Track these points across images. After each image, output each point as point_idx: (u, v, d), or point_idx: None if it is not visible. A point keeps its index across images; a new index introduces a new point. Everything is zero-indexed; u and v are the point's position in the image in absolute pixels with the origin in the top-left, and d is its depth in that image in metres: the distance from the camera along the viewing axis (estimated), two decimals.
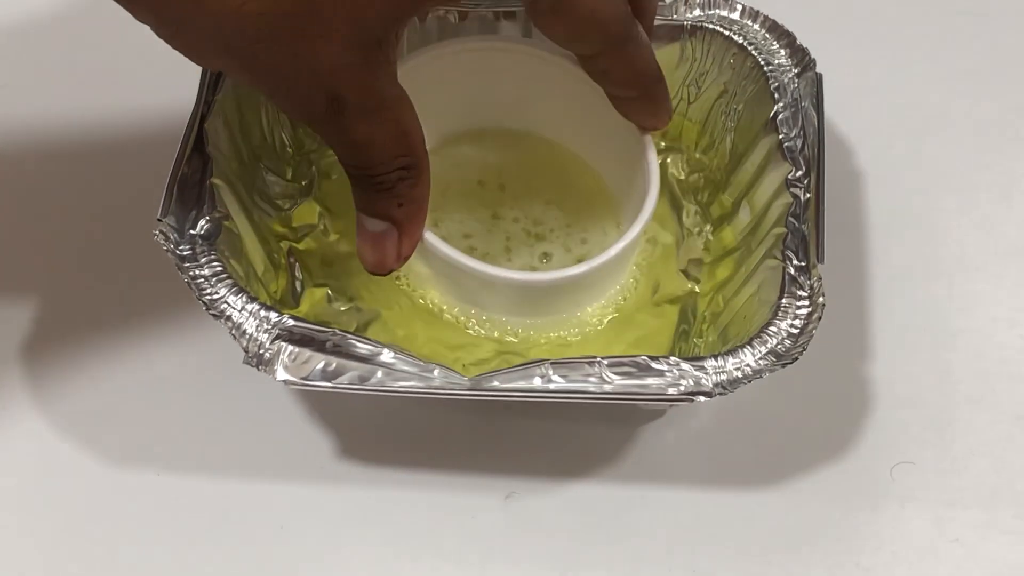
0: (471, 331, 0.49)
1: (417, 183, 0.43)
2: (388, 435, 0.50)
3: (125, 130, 0.58)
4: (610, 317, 0.50)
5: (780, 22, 0.52)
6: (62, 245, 0.55)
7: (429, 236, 0.45)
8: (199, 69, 0.49)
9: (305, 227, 0.53)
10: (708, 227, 0.53)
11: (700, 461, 0.49)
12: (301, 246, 0.52)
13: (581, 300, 0.50)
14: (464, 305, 0.49)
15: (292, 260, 0.52)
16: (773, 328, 0.44)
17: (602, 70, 0.45)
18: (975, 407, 0.50)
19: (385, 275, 0.44)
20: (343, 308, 0.51)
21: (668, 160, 0.55)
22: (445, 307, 0.49)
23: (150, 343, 0.52)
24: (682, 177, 0.55)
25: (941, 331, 0.52)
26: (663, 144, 0.55)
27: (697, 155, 0.55)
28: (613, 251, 0.46)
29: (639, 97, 0.46)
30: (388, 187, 0.42)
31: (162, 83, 0.55)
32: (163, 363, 0.51)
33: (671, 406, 0.49)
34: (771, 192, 0.49)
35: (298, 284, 0.51)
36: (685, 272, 0.52)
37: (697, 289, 0.52)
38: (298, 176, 0.54)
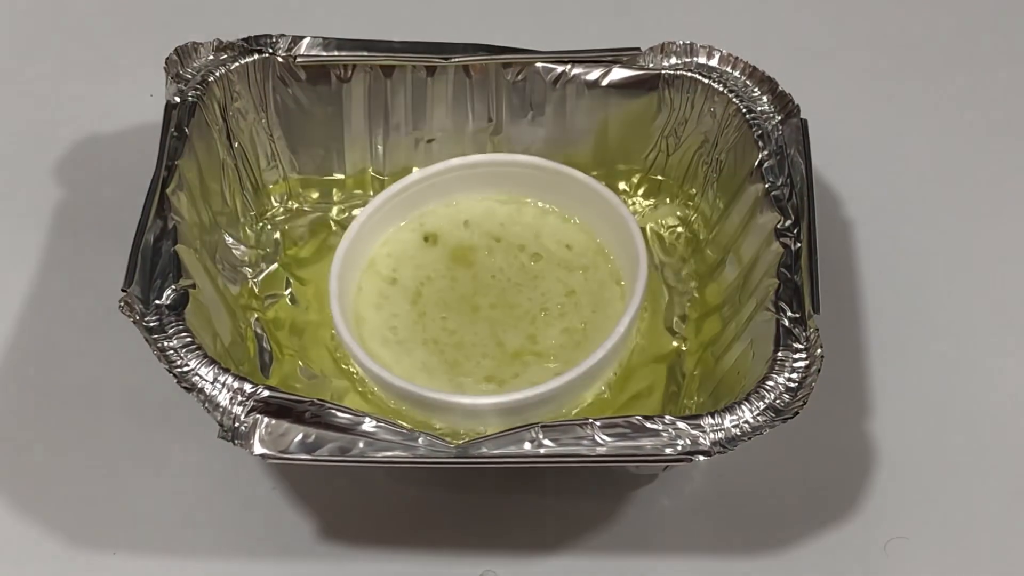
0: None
1: None
2: (370, 512, 0.50)
3: (86, 194, 0.59)
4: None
5: (760, 68, 0.53)
6: (20, 314, 0.55)
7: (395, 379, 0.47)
8: (158, 133, 0.49)
9: (271, 295, 0.53)
10: (693, 283, 0.54)
11: (694, 528, 0.50)
12: (268, 315, 0.53)
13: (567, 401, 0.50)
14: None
15: (260, 331, 0.52)
16: (770, 382, 0.44)
17: None
18: (972, 479, 0.51)
19: None
20: (314, 380, 0.51)
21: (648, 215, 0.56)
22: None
23: (114, 415, 0.52)
24: (663, 232, 0.55)
25: (940, 388, 0.53)
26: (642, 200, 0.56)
27: (678, 209, 0.56)
28: (590, 361, 0.48)
29: None
30: None
31: (122, 146, 0.56)
32: (129, 437, 0.51)
33: (664, 469, 0.49)
34: (758, 243, 0.50)
35: (267, 356, 0.51)
36: (671, 330, 0.53)
37: (684, 347, 0.52)
38: (262, 242, 0.55)
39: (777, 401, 0.44)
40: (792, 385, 0.44)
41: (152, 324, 0.44)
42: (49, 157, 0.60)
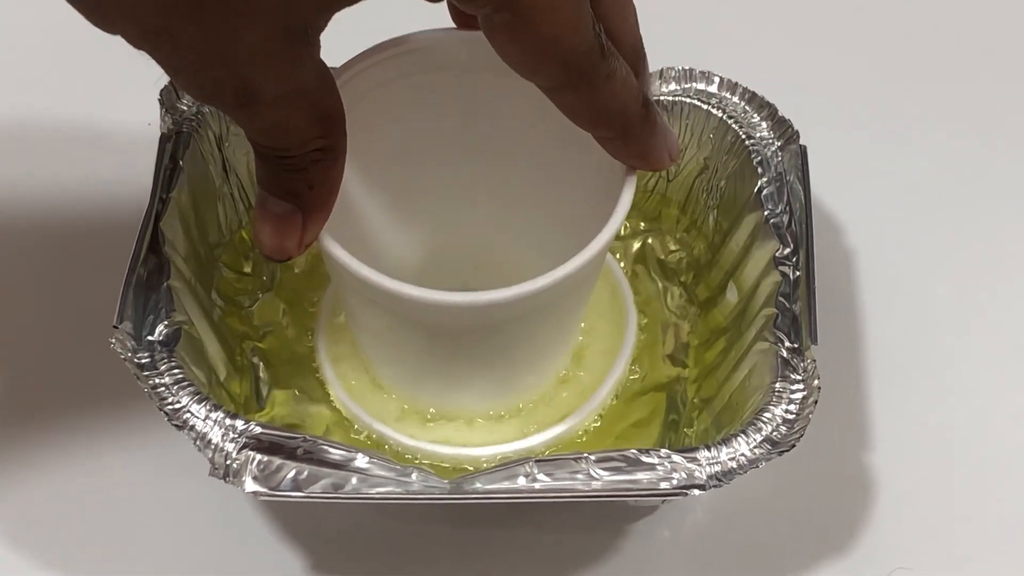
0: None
1: (333, 165, 0.41)
2: (362, 549, 0.50)
3: (80, 227, 0.59)
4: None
5: (760, 93, 0.53)
6: (10, 348, 0.55)
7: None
8: (153, 162, 0.50)
9: (267, 324, 0.54)
10: (694, 309, 0.54)
11: (695, 560, 0.50)
12: (264, 345, 0.53)
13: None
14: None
15: (255, 360, 0.52)
16: (767, 414, 0.44)
17: (566, 106, 0.41)
18: (975, 509, 0.51)
19: (283, 261, 0.42)
20: (311, 408, 0.51)
21: (649, 241, 0.56)
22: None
23: (105, 452, 0.52)
24: (664, 258, 0.56)
25: (942, 419, 0.53)
26: (643, 225, 0.56)
27: (679, 235, 0.56)
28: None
29: (616, 138, 0.42)
30: (300, 168, 0.40)
31: (118, 176, 0.56)
32: (118, 474, 0.51)
33: (663, 502, 0.49)
34: (759, 271, 0.50)
35: (263, 386, 0.52)
36: (671, 357, 0.53)
37: (685, 374, 0.52)
38: (258, 271, 0.55)
39: (774, 433, 0.44)
40: (790, 417, 0.44)
41: (143, 361, 0.45)
42: (42, 185, 0.60)
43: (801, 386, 0.45)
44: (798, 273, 0.48)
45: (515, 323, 0.45)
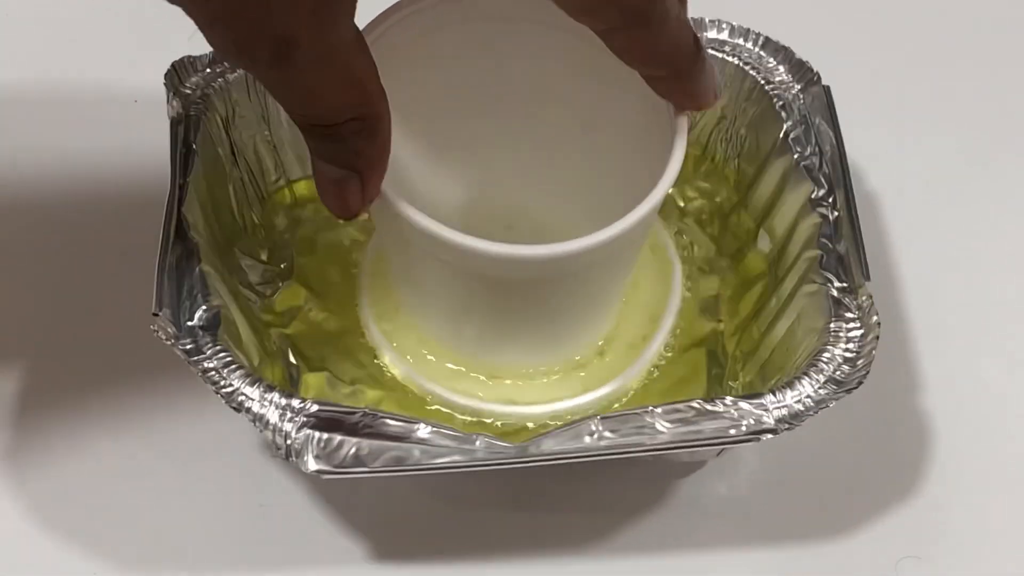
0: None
1: (375, 135, 0.40)
2: (418, 529, 0.49)
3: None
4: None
5: (774, 38, 0.53)
6: (51, 338, 0.53)
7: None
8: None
9: (291, 310, 0.52)
10: (723, 261, 0.53)
11: (744, 512, 0.50)
12: (290, 331, 0.52)
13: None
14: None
15: (284, 346, 0.51)
16: (826, 355, 0.44)
17: (621, 47, 0.40)
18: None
19: (353, 219, 0.42)
20: (345, 391, 0.50)
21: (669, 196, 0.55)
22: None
23: (154, 439, 0.51)
24: (686, 213, 0.55)
25: (984, 399, 0.53)
26: None
27: (698, 187, 0.56)
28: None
29: (669, 77, 0.42)
30: (342, 139, 0.40)
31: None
32: (168, 460, 0.50)
33: (719, 453, 0.49)
34: (792, 215, 0.49)
35: (294, 371, 0.50)
36: (704, 312, 0.52)
37: (720, 328, 0.52)
38: (275, 258, 0.54)
39: (837, 373, 0.43)
40: (850, 355, 0.44)
41: (188, 347, 0.43)
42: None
43: (857, 324, 0.44)
44: (836, 213, 0.48)
45: (577, 275, 0.44)
